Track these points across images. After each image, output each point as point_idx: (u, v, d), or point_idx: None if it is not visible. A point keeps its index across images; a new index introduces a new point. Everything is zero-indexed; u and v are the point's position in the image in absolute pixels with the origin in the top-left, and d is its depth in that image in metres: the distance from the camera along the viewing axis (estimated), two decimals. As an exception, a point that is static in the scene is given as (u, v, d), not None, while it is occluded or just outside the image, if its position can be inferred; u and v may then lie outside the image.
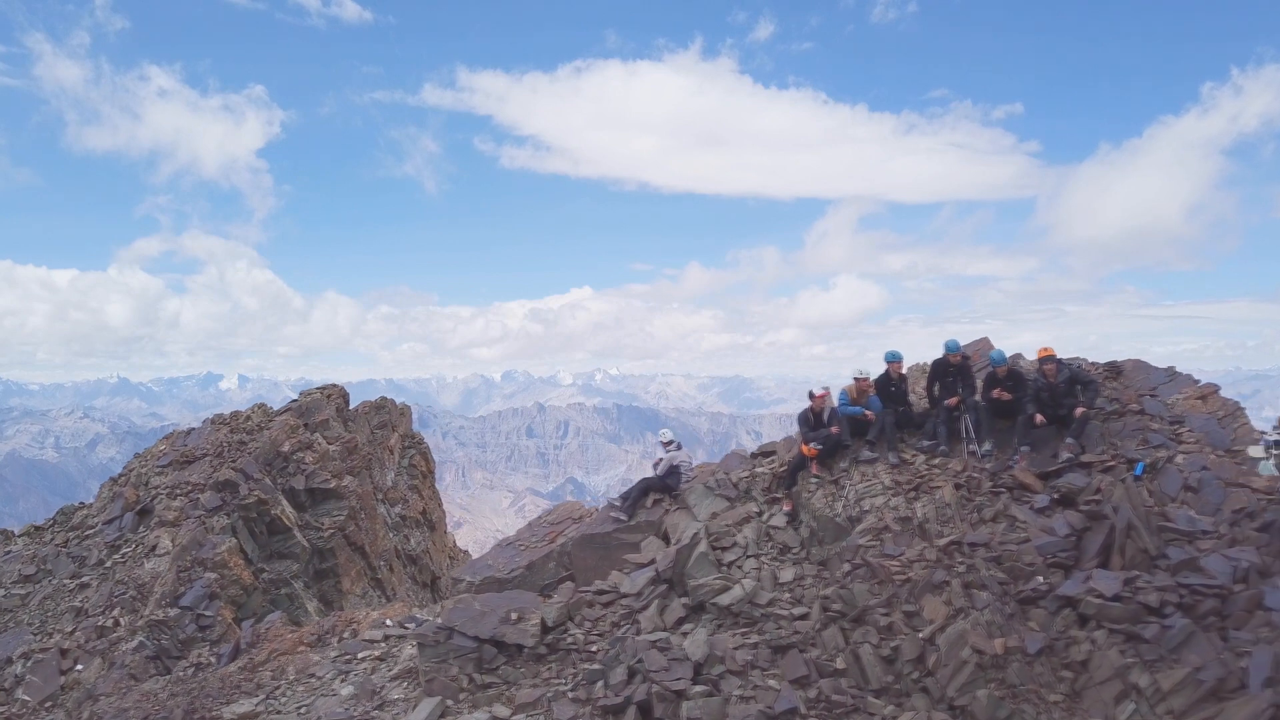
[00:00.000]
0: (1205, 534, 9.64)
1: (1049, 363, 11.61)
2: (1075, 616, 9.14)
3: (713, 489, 13.18)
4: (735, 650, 10.47)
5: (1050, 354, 11.62)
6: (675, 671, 10.39)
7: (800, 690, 9.80)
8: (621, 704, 10.30)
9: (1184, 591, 8.87)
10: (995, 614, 9.46)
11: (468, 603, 12.59)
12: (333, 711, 11.89)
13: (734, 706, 9.75)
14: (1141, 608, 8.86)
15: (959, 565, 10.13)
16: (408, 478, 25.46)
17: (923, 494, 11.44)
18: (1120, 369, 12.83)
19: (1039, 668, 8.91)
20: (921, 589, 10.11)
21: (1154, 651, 8.49)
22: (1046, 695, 8.73)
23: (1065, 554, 9.84)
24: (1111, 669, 8.55)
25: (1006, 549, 10.09)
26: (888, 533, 11.18)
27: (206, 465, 20.34)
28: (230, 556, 17.70)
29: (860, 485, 11.96)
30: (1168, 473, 10.61)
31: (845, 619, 10.30)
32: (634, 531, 13.26)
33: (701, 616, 11.36)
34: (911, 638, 9.73)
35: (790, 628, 10.63)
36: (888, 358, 12.80)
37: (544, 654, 11.76)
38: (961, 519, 10.93)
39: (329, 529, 20.34)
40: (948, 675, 9.23)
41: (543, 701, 11.00)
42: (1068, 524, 10.12)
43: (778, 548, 12.01)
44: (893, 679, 9.64)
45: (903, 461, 12.08)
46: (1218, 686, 8.04)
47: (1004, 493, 11.01)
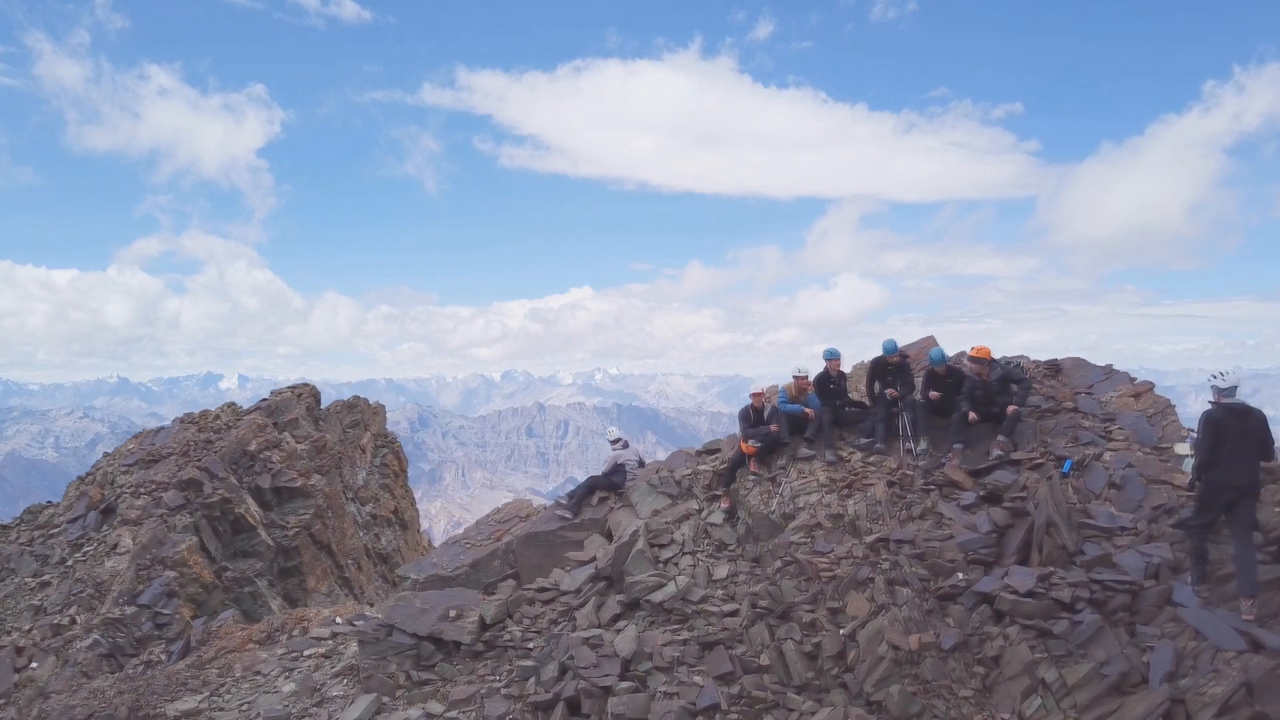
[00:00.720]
0: (1124, 530, 9.69)
1: (980, 362, 11.66)
2: (991, 612, 9.18)
3: (656, 486, 13.25)
4: (664, 647, 10.52)
5: (983, 353, 11.68)
6: (604, 668, 10.47)
7: (724, 686, 9.83)
8: (551, 700, 10.38)
9: (1096, 588, 8.91)
10: (914, 610, 9.51)
11: (408, 600, 12.68)
12: (272, 708, 11.96)
13: (658, 703, 9.79)
14: (1054, 603, 8.90)
15: (884, 562, 10.19)
16: (380, 477, 25.53)
17: (856, 491, 11.51)
18: (1060, 367, 12.88)
19: (952, 663, 8.95)
20: (846, 586, 10.16)
21: (1063, 647, 8.52)
22: (958, 690, 8.77)
23: (986, 551, 9.89)
24: (1021, 664, 8.59)
25: (930, 546, 10.14)
26: (819, 530, 11.25)
27: (172, 464, 20.41)
28: (190, 555, 17.77)
29: (796, 482, 12.02)
30: (1093, 470, 10.66)
31: (772, 615, 10.35)
32: (578, 529, 13.33)
33: (636, 613, 11.42)
34: (833, 634, 9.79)
35: (719, 624, 10.67)
36: (826, 355, 12.87)
37: (481, 651, 11.84)
38: (891, 516, 10.99)
39: (294, 528, 20.41)
40: (865, 671, 9.28)
41: (476, 698, 11.08)
42: (991, 521, 10.18)
43: (715, 545, 12.08)
44: (814, 675, 9.68)
45: (839, 459, 12.15)
46: (1121, 681, 8.08)
47: (934, 490, 11.06)
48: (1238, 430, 8.45)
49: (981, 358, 11.64)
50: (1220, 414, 8.50)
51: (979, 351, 11.70)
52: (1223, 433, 8.40)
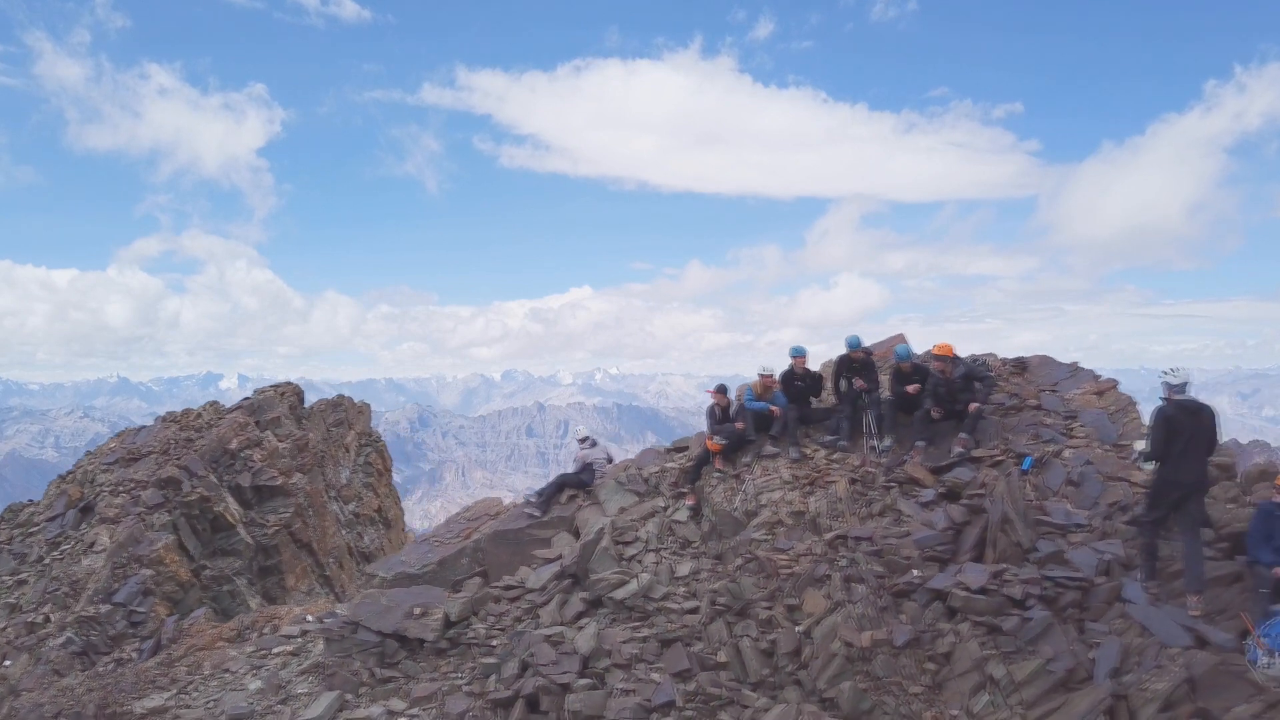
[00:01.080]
0: (1079, 527, 9.70)
1: (943, 360, 11.66)
2: (944, 609, 9.19)
3: (623, 484, 13.26)
4: (623, 644, 10.54)
5: (945, 351, 11.68)
6: (563, 665, 10.48)
7: (681, 683, 9.84)
8: (511, 697, 10.39)
9: (1048, 584, 8.92)
10: (869, 607, 9.51)
11: (374, 598, 12.69)
12: (237, 705, 11.97)
13: (615, 700, 9.80)
14: (1006, 600, 8.91)
15: (841, 559, 10.19)
16: (363, 475, 25.55)
17: (818, 488, 11.51)
18: (1026, 365, 12.88)
19: (904, 660, 8.95)
20: (804, 583, 10.17)
21: (1012, 643, 8.53)
22: (909, 687, 8.77)
23: (942, 548, 9.90)
24: (971, 661, 8.59)
25: (888, 543, 10.14)
26: (781, 527, 11.26)
27: (152, 463, 20.43)
28: (167, 553, 17.79)
29: (760, 480, 12.03)
30: (1052, 467, 10.66)
31: (730, 613, 10.37)
32: (546, 527, 13.34)
33: (599, 611, 11.43)
34: (789, 631, 9.80)
35: (679, 622, 10.68)
36: (792, 353, 12.87)
37: (445, 648, 11.85)
38: (852, 513, 10.99)
39: (274, 526, 20.42)
40: (819, 668, 9.29)
41: (438, 695, 11.09)
42: (948, 518, 10.19)
43: (679, 542, 12.09)
44: (769, 672, 9.69)
45: (804, 456, 12.15)
46: (1067, 677, 8.09)
47: (894, 487, 11.07)
48: (1190, 427, 8.46)
49: (944, 355, 11.64)
50: (1173, 411, 8.51)
51: (941, 349, 11.71)
52: (1175, 429, 8.40)
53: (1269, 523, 8.22)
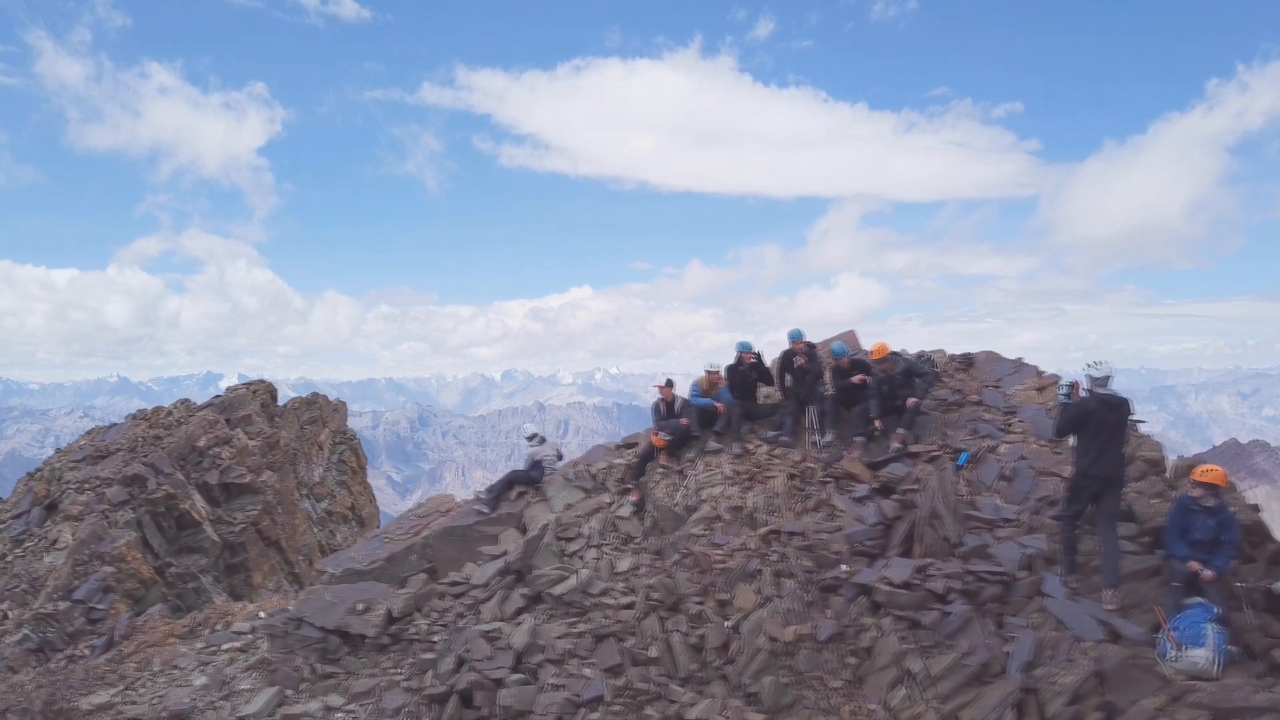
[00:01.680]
0: (1007, 522, 9.69)
1: (884, 363, 11.64)
2: (869, 604, 9.19)
3: (571, 481, 13.26)
4: (558, 639, 10.54)
5: (882, 350, 11.65)
6: (498, 660, 10.48)
7: (612, 678, 9.84)
8: (446, 693, 10.38)
9: (970, 579, 8.92)
10: (796, 602, 9.51)
11: (319, 594, 12.70)
12: (179, 701, 11.98)
13: (545, 695, 9.81)
14: (929, 594, 8.91)
15: (773, 554, 10.19)
16: (337, 473, 25.55)
17: (757, 484, 11.51)
18: (972, 361, 12.87)
19: (827, 654, 8.95)
20: (735, 578, 10.17)
21: (931, 637, 8.53)
22: (830, 681, 8.77)
23: (872, 542, 9.90)
24: (890, 655, 8.59)
25: (819, 537, 10.14)
26: (719, 522, 11.25)
27: (119, 460, 20.44)
28: (129, 550, 17.79)
29: (702, 475, 12.03)
30: (987, 462, 10.66)
31: (663, 608, 10.36)
32: (495, 524, 13.33)
33: (538, 606, 11.43)
34: (718, 626, 9.80)
35: (615, 617, 10.68)
36: (739, 348, 12.86)
37: (387, 644, 11.85)
38: (788, 508, 10.99)
39: (241, 523, 20.43)
40: (744, 662, 9.29)
41: (376, 691, 11.10)
42: (879, 513, 10.18)
43: (621, 538, 12.08)
44: (698, 667, 9.69)
45: (746, 452, 12.15)
46: (981, 671, 8.08)
47: (831, 482, 11.06)
48: (1111, 422, 8.46)
49: (882, 357, 11.63)
50: (1094, 404, 8.50)
51: (878, 349, 11.69)
52: (1094, 422, 8.39)
53: (1184, 517, 8.21)
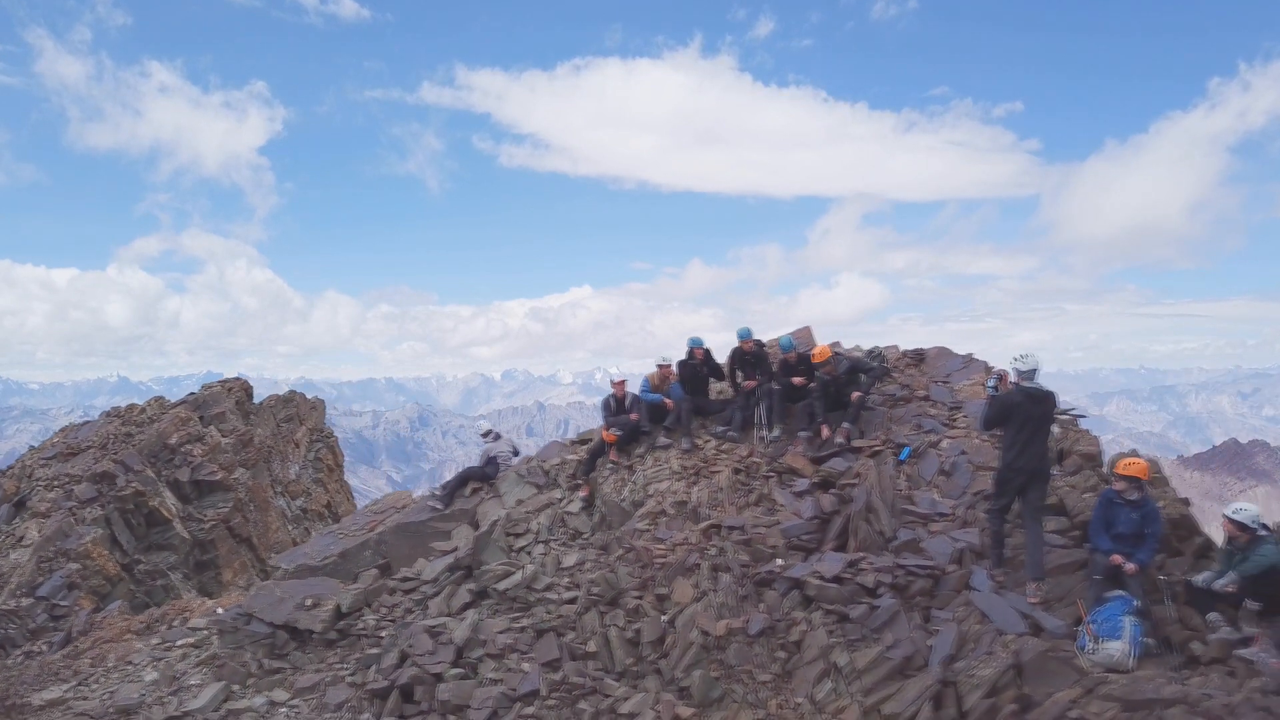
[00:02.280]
0: (941, 516, 9.69)
1: (827, 364, 11.61)
2: (801, 598, 9.18)
3: (524, 477, 13.26)
4: (499, 634, 10.54)
5: (823, 354, 11.63)
6: (439, 655, 10.50)
7: (550, 673, 9.85)
8: (387, 687, 10.39)
9: (900, 572, 8.91)
10: (730, 596, 9.51)
11: (269, 589, 12.71)
12: (128, 696, 11.99)
13: (482, 689, 9.82)
14: (859, 588, 8.91)
15: (711, 548, 10.19)
16: (313, 471, 25.55)
17: (703, 479, 11.50)
18: (924, 356, 12.87)
19: (757, 648, 8.94)
20: (674, 572, 10.17)
21: (858, 631, 8.53)
22: (758, 675, 8.75)
23: (808, 536, 9.90)
24: (818, 649, 8.59)
25: (757, 531, 10.14)
26: (664, 516, 11.26)
27: (89, 457, 20.45)
28: (94, 547, 17.80)
29: (651, 470, 12.03)
30: (928, 457, 10.65)
31: (603, 602, 10.36)
32: (448, 520, 13.33)
33: (484, 602, 11.43)
34: (654, 620, 9.80)
35: (557, 612, 10.69)
36: (691, 344, 12.86)
37: (334, 640, 11.86)
38: (731, 502, 10.99)
39: (211, 521, 20.44)
40: (677, 656, 9.29)
41: (321, 686, 11.12)
42: (816, 507, 10.18)
43: (570, 533, 12.08)
44: (633, 661, 9.68)
45: (695, 447, 12.15)
46: (904, 664, 8.07)
47: (773, 477, 11.06)
48: (1036, 415, 8.45)
49: (824, 360, 11.61)
50: (1019, 397, 8.50)
51: (819, 353, 11.68)
52: (1019, 416, 8.39)
53: (1109, 510, 8.20)
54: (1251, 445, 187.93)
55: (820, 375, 11.57)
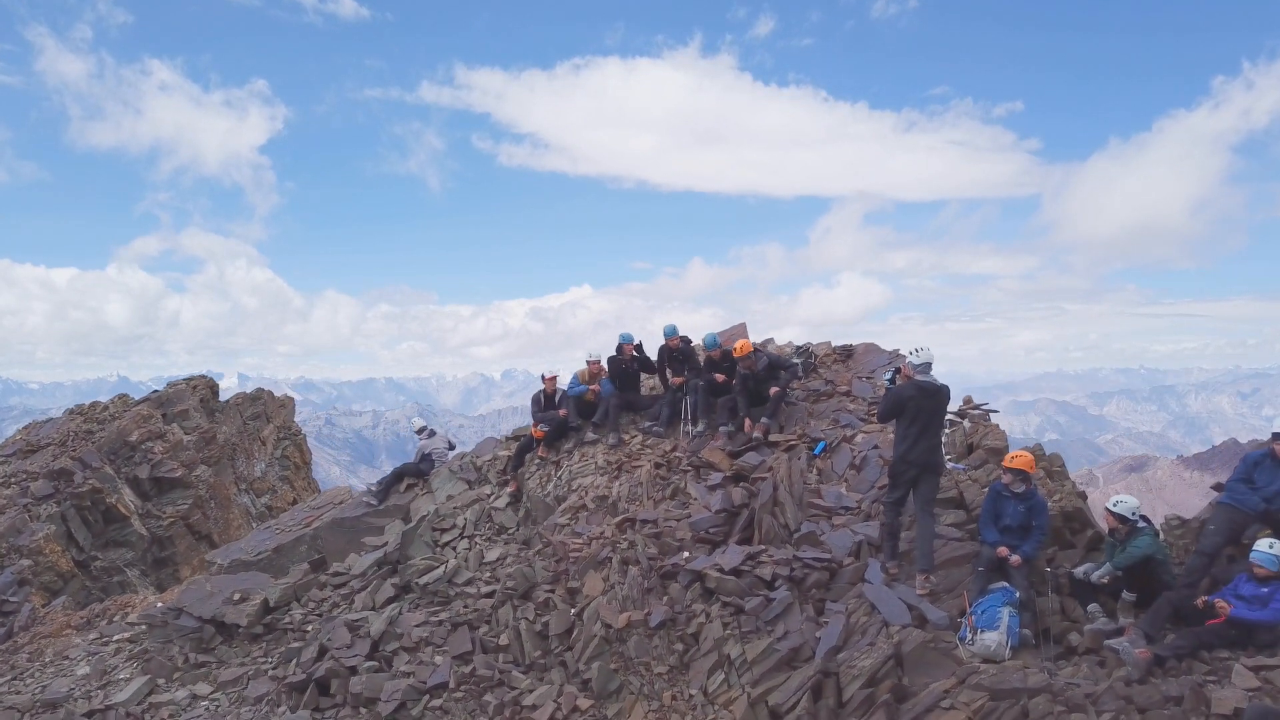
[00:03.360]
0: (846, 509, 9.75)
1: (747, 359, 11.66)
2: (702, 590, 9.24)
3: (456, 473, 13.34)
4: (415, 627, 10.61)
5: (745, 349, 11.68)
6: (356, 649, 10.57)
7: (461, 665, 9.92)
8: (305, 681, 10.46)
9: (797, 565, 8.97)
10: (635, 589, 9.57)
11: (199, 584, 12.78)
12: (57, 690, 12.05)
13: (393, 681, 9.89)
14: (758, 580, 8.97)
15: (623, 542, 10.25)
16: (280, 469, 25.60)
17: (625, 473, 11.57)
18: (852, 352, 12.92)
19: (657, 640, 9.01)
20: (586, 565, 10.23)
21: (752, 623, 8.59)
22: (655, 667, 8.82)
23: (716, 529, 9.96)
24: (713, 641, 8.65)
25: (668, 525, 10.20)
26: (584, 511, 11.32)
27: (49, 454, 20.52)
28: (47, 543, 17.87)
29: (576, 465, 12.10)
30: (841, 451, 10.71)
31: (517, 595, 10.43)
32: (382, 515, 13.41)
33: (407, 596, 11.50)
34: (563, 613, 9.86)
35: (474, 605, 10.75)
36: (621, 339, 12.92)
37: (260, 634, 11.93)
38: (650, 496, 11.05)
39: (170, 518, 20.50)
40: (580, 649, 9.36)
41: (243, 679, 11.18)
42: (726, 500, 10.24)
43: (495, 528, 12.15)
44: (541, 654, 9.76)
45: (622, 442, 12.21)
46: (792, 656, 8.13)
47: (690, 471, 11.12)
48: (928, 409, 8.50)
49: (745, 355, 11.67)
50: (911, 390, 8.55)
51: (740, 347, 11.73)
52: (911, 409, 8.44)
53: (997, 503, 8.27)
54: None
55: (740, 370, 11.63)
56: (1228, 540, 7.81)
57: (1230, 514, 7.85)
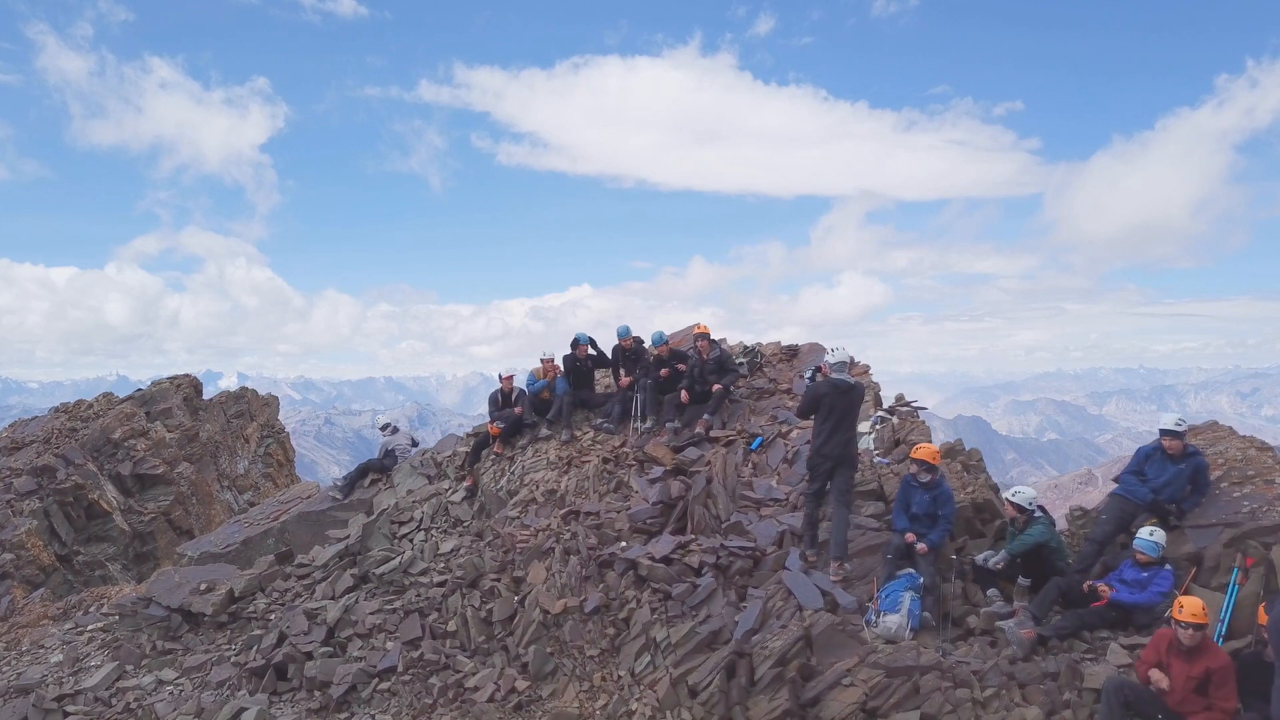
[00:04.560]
0: (775, 501, 10.22)
1: (702, 340, 12.18)
2: (635, 577, 9.71)
3: (417, 468, 13.81)
4: (370, 615, 11.09)
5: (703, 331, 12.19)
6: (312, 635, 11.07)
7: (410, 650, 10.40)
8: (264, 666, 10.95)
9: (723, 553, 9.45)
10: (574, 577, 10.04)
11: (169, 575, 13.26)
12: (31, 676, 12.54)
13: (345, 665, 10.38)
14: (686, 568, 9.44)
15: (567, 533, 10.73)
16: (262, 466, 26.08)
17: (574, 468, 12.05)
18: (797, 351, 13.40)
19: (590, 625, 9.48)
20: (531, 555, 10.71)
21: (678, 608, 9.06)
22: (587, 650, 9.30)
23: (652, 520, 10.44)
24: (641, 625, 9.12)
25: (609, 516, 10.68)
26: (534, 504, 11.80)
27: (32, 451, 20.98)
28: (29, 538, 18.34)
29: (530, 460, 12.58)
30: (776, 446, 11.18)
31: (466, 584, 10.91)
32: (346, 509, 13.89)
33: (365, 586, 11.98)
34: (507, 600, 10.34)
35: (426, 594, 11.23)
36: (576, 339, 13.40)
37: (225, 622, 12.41)
38: (596, 490, 11.53)
39: (151, 514, 20.97)
40: (520, 633, 9.84)
41: (207, 665, 11.66)
42: (665, 493, 10.72)
43: (451, 521, 12.64)
44: (485, 639, 10.23)
45: (574, 438, 12.69)
46: (712, 638, 8.60)
47: (635, 465, 11.60)
48: (842, 406, 8.98)
49: (703, 335, 12.17)
50: (826, 388, 9.02)
51: (700, 330, 12.23)
52: (825, 405, 8.92)
53: (907, 492, 8.75)
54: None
55: (689, 353, 12.13)
56: (1117, 529, 8.29)
57: (1121, 504, 8.33)
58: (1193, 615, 6.00)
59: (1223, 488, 8.50)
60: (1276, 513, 7.93)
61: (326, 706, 10.03)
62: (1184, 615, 6.04)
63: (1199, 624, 6.00)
